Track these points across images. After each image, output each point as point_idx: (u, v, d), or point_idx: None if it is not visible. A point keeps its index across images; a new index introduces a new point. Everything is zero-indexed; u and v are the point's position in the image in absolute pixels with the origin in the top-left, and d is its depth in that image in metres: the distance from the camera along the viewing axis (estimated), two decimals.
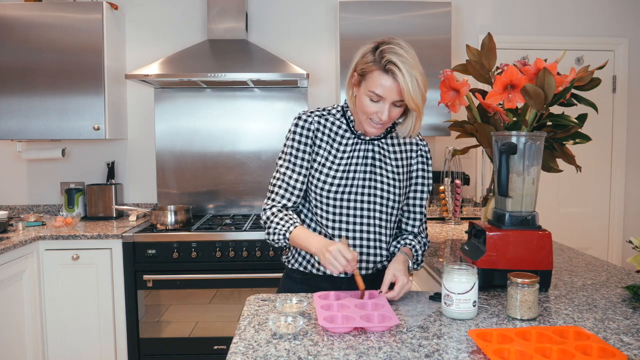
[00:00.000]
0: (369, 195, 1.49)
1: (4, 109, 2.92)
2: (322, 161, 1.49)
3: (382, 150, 1.53)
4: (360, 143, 1.51)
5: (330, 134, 1.51)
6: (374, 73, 1.36)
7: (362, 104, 1.40)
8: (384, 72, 1.35)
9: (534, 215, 1.49)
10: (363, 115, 1.42)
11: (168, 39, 3.30)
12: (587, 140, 1.76)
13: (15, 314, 2.52)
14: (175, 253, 2.69)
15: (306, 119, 1.51)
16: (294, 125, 1.51)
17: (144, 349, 2.75)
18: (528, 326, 1.21)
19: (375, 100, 1.38)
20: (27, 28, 2.90)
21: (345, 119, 1.53)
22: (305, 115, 1.52)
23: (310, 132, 1.50)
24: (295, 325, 1.15)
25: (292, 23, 3.34)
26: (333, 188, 1.47)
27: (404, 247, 1.56)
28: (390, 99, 1.36)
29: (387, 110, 1.37)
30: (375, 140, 1.52)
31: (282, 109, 3.32)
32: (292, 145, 1.50)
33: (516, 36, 3.36)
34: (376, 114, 1.39)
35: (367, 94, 1.38)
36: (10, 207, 3.32)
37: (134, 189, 3.38)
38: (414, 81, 1.33)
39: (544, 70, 1.54)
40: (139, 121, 3.35)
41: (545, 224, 2.35)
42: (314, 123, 1.50)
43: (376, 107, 1.38)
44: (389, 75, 1.34)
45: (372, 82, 1.36)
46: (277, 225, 1.46)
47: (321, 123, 1.51)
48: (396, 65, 1.32)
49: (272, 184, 1.53)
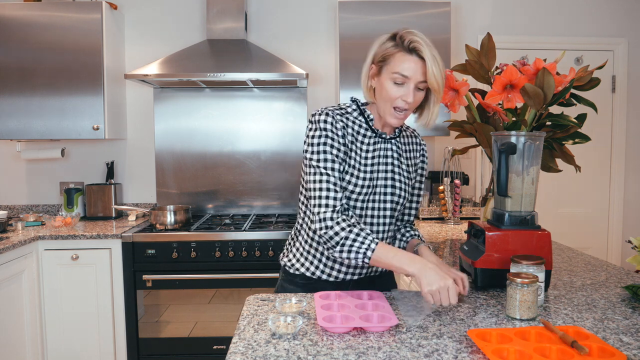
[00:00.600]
0: (392, 195, 1.50)
1: (3, 109, 2.91)
2: (351, 163, 1.44)
3: (398, 149, 1.54)
4: (380, 142, 1.50)
5: (353, 133, 1.46)
6: (396, 55, 1.37)
7: (386, 89, 1.39)
8: (408, 53, 1.36)
9: (533, 215, 1.49)
10: (387, 103, 1.40)
11: (167, 38, 3.30)
12: (586, 140, 1.76)
13: (15, 314, 2.51)
14: (175, 253, 2.69)
15: (332, 115, 1.42)
16: (322, 122, 1.40)
17: (144, 348, 2.74)
18: (527, 326, 1.21)
19: (400, 83, 1.37)
20: (27, 28, 2.89)
21: (363, 117, 1.49)
22: (328, 111, 1.43)
23: (340, 130, 1.42)
24: (295, 325, 1.15)
25: (292, 23, 3.34)
26: (364, 190, 1.45)
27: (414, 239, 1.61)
28: (415, 79, 1.36)
29: (412, 92, 1.37)
30: (393, 139, 1.53)
31: (282, 109, 3.32)
32: (327, 142, 1.39)
33: (515, 36, 3.37)
34: (401, 98, 1.37)
35: (390, 77, 1.37)
36: (10, 207, 3.32)
37: (134, 188, 3.38)
38: (435, 61, 1.35)
39: (543, 70, 1.54)
40: (138, 121, 3.35)
41: (545, 224, 2.35)
42: (339, 122, 1.42)
43: (401, 90, 1.37)
44: (414, 54, 1.35)
45: (396, 63, 1.36)
46: (353, 243, 1.32)
47: (344, 121, 1.44)
48: (421, 45, 1.34)
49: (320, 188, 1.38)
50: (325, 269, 1.51)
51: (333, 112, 1.43)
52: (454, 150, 2.25)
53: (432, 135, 3.04)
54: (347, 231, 1.34)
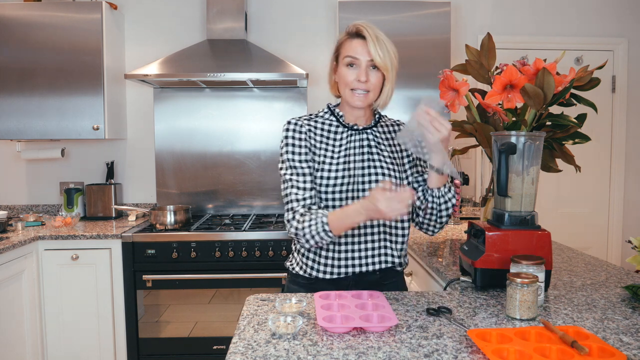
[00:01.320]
0: (370, 183, 1.50)
1: (3, 109, 2.91)
2: (321, 160, 1.50)
3: (375, 138, 1.55)
4: (353, 134, 1.54)
5: (323, 133, 1.53)
6: (345, 41, 1.49)
7: (342, 75, 1.49)
8: (353, 37, 1.47)
9: (533, 215, 1.49)
10: (346, 87, 1.48)
11: (167, 38, 3.30)
12: (586, 140, 1.76)
13: (15, 314, 2.51)
14: (175, 253, 2.69)
15: (296, 122, 1.53)
16: (286, 131, 1.52)
17: (143, 348, 2.74)
18: (527, 326, 1.21)
19: (352, 65, 1.46)
20: (27, 28, 2.89)
21: (334, 115, 1.56)
22: (294, 120, 1.55)
23: (303, 134, 1.51)
24: (295, 325, 1.15)
25: (292, 23, 3.34)
26: (338, 181, 1.48)
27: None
28: (364, 58, 1.44)
29: (365, 72, 1.45)
30: (368, 129, 1.55)
31: (282, 108, 3.32)
32: (288, 150, 1.50)
33: (515, 36, 3.37)
34: (356, 79, 1.46)
35: (343, 63, 1.48)
36: (10, 207, 3.32)
37: (133, 189, 3.38)
38: (381, 42, 1.43)
39: (543, 70, 1.54)
40: (138, 121, 3.35)
41: (545, 224, 2.35)
42: (304, 126, 1.52)
43: (354, 72, 1.46)
44: (359, 37, 1.46)
45: (345, 49, 1.48)
46: (309, 228, 1.40)
47: (311, 125, 1.54)
48: (363, 28, 1.45)
49: (285, 194, 1.49)
50: (319, 267, 1.52)
51: (300, 120, 1.54)
52: (454, 150, 2.25)
53: None
54: (302, 221, 1.42)
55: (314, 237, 1.41)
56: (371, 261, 1.52)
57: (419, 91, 2.99)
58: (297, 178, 1.48)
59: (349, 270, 1.51)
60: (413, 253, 2.24)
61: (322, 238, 1.40)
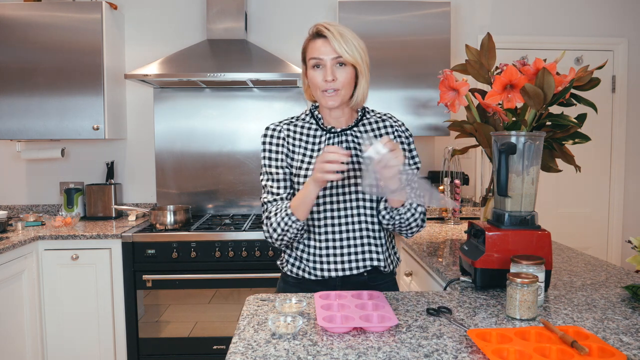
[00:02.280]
0: (349, 186, 1.48)
1: (3, 109, 2.91)
2: (299, 165, 1.49)
3: (355, 139, 1.52)
4: (332, 137, 1.52)
5: (302, 137, 1.53)
6: (308, 44, 1.47)
7: (311, 78, 1.46)
8: (314, 38, 1.45)
9: (533, 215, 1.49)
10: (317, 89, 1.46)
11: (167, 38, 3.30)
12: (586, 140, 1.76)
13: (15, 314, 2.51)
14: (175, 253, 2.69)
15: (274, 128, 1.54)
16: (263, 137, 1.53)
17: (143, 348, 2.74)
18: (527, 326, 1.21)
19: (318, 66, 1.44)
20: (27, 28, 2.89)
21: (314, 118, 1.55)
22: (272, 125, 1.55)
23: (280, 139, 1.52)
24: (295, 325, 1.15)
25: (292, 23, 3.34)
26: None
27: None
28: (328, 57, 1.42)
29: (331, 70, 1.42)
30: (347, 130, 1.53)
31: (282, 108, 3.32)
32: (265, 156, 1.52)
33: (515, 36, 3.37)
34: (323, 79, 1.43)
35: (309, 65, 1.46)
36: (10, 207, 3.32)
37: (133, 188, 3.38)
38: (345, 37, 1.41)
39: (543, 70, 1.54)
40: (138, 121, 3.35)
41: (545, 224, 2.35)
42: (282, 131, 1.53)
43: (320, 72, 1.44)
44: (319, 37, 1.44)
45: (309, 51, 1.46)
46: (275, 217, 1.43)
47: (290, 129, 1.54)
48: (324, 27, 1.42)
49: (262, 203, 1.52)
50: (306, 267, 1.52)
51: (279, 125, 1.55)
52: (454, 150, 2.25)
53: (432, 135, 3.04)
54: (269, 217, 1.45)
55: (279, 225, 1.42)
56: (355, 265, 1.49)
57: (419, 91, 2.99)
58: (272, 184, 1.50)
59: (332, 273, 1.49)
60: (413, 253, 2.24)
61: (287, 224, 1.40)
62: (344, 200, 1.49)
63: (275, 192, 1.49)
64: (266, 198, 1.51)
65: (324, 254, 1.49)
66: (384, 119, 1.57)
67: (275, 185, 1.50)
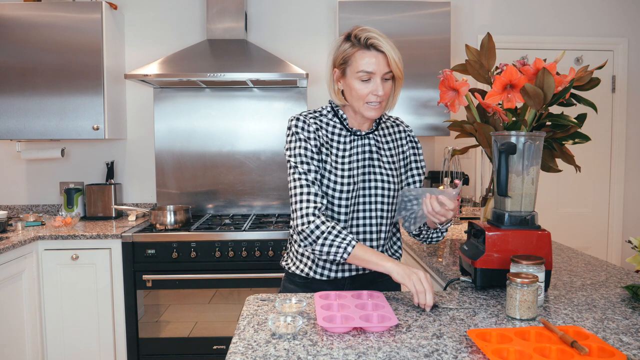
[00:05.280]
0: (370, 189, 1.50)
1: (3, 109, 2.91)
2: (329, 163, 1.48)
3: (377, 143, 1.55)
4: (356, 139, 1.53)
5: (328, 134, 1.51)
6: (356, 54, 1.42)
7: (355, 89, 1.43)
8: (366, 49, 1.41)
9: (533, 215, 1.49)
10: (359, 101, 1.44)
11: (167, 38, 3.30)
12: (586, 140, 1.76)
13: (15, 314, 2.51)
14: (175, 253, 2.69)
15: (304, 119, 1.49)
16: (295, 126, 1.48)
17: (143, 348, 2.74)
18: (527, 326, 1.21)
19: (366, 79, 1.42)
20: (27, 28, 2.89)
21: (337, 118, 1.54)
22: (302, 116, 1.50)
23: (312, 132, 1.48)
24: (295, 325, 1.15)
25: (292, 23, 3.34)
26: (345, 188, 1.47)
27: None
28: (380, 72, 1.41)
29: (381, 85, 1.41)
30: (370, 134, 1.55)
31: (282, 108, 3.32)
32: (301, 145, 1.46)
33: (515, 36, 3.37)
34: (372, 93, 1.42)
35: (356, 77, 1.42)
36: (10, 207, 3.31)
37: (133, 188, 3.38)
38: (395, 50, 1.41)
39: (543, 70, 1.54)
40: (138, 121, 3.35)
41: (545, 224, 2.35)
42: (311, 125, 1.48)
43: (369, 86, 1.42)
44: (372, 50, 1.40)
45: (358, 62, 1.41)
46: (335, 239, 1.38)
47: (317, 124, 1.50)
48: (377, 40, 1.40)
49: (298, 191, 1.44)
50: (317, 268, 1.53)
51: (307, 116, 1.50)
52: (454, 150, 2.25)
53: (432, 135, 3.04)
54: (330, 227, 1.39)
55: (329, 252, 1.38)
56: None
57: (419, 91, 2.99)
58: (309, 175, 1.44)
59: (345, 274, 1.52)
60: (413, 253, 2.24)
61: (335, 257, 1.38)
62: (357, 202, 1.50)
63: (316, 183, 1.44)
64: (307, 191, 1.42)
65: None
66: (397, 123, 1.63)
67: (312, 177, 1.44)
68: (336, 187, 1.47)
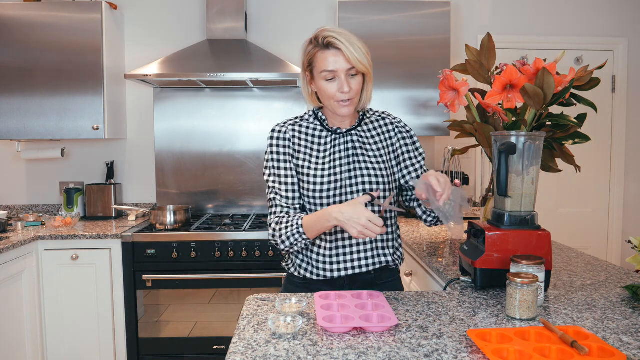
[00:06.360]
0: (357, 185, 1.50)
1: (3, 109, 2.91)
2: (306, 165, 1.51)
3: (360, 139, 1.55)
4: (338, 137, 1.54)
5: (307, 138, 1.54)
6: (317, 55, 1.44)
7: (322, 89, 1.46)
8: (325, 49, 1.42)
9: (533, 215, 1.49)
10: (330, 100, 1.46)
11: (167, 38, 3.30)
12: (586, 140, 1.76)
13: (15, 314, 2.51)
14: (175, 253, 2.69)
15: (280, 129, 1.54)
16: (270, 139, 1.53)
17: (143, 348, 2.74)
18: (527, 326, 1.21)
19: (331, 78, 1.43)
20: (27, 28, 2.89)
21: (318, 120, 1.56)
22: (278, 126, 1.55)
23: (287, 140, 1.52)
24: (295, 325, 1.15)
25: (292, 23, 3.34)
26: (324, 187, 1.49)
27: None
28: (342, 69, 1.41)
29: (346, 82, 1.42)
30: (352, 130, 1.55)
31: (281, 108, 3.32)
32: (272, 158, 1.52)
33: (515, 36, 3.37)
34: (338, 91, 1.43)
35: (321, 77, 1.44)
36: (10, 207, 3.31)
37: (133, 188, 3.38)
38: (354, 46, 1.40)
39: (543, 70, 1.54)
40: (138, 121, 3.35)
41: (545, 224, 2.35)
42: (288, 132, 1.53)
43: (335, 84, 1.43)
44: (331, 48, 1.41)
45: (320, 63, 1.43)
46: (285, 230, 1.43)
47: (296, 130, 1.54)
48: (334, 38, 1.40)
49: (268, 199, 1.53)
50: (312, 269, 1.53)
51: (285, 125, 1.55)
52: (454, 150, 2.25)
53: (432, 135, 3.04)
54: (279, 222, 1.45)
55: (289, 239, 1.43)
56: (364, 263, 1.53)
57: (419, 91, 2.99)
58: (280, 186, 1.51)
59: (341, 273, 1.52)
60: (413, 253, 2.24)
61: (297, 240, 1.43)
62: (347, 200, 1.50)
63: (284, 194, 1.50)
64: (275, 200, 1.50)
65: (334, 254, 1.51)
66: (383, 117, 1.62)
67: (284, 188, 1.50)
68: (316, 188, 1.49)
